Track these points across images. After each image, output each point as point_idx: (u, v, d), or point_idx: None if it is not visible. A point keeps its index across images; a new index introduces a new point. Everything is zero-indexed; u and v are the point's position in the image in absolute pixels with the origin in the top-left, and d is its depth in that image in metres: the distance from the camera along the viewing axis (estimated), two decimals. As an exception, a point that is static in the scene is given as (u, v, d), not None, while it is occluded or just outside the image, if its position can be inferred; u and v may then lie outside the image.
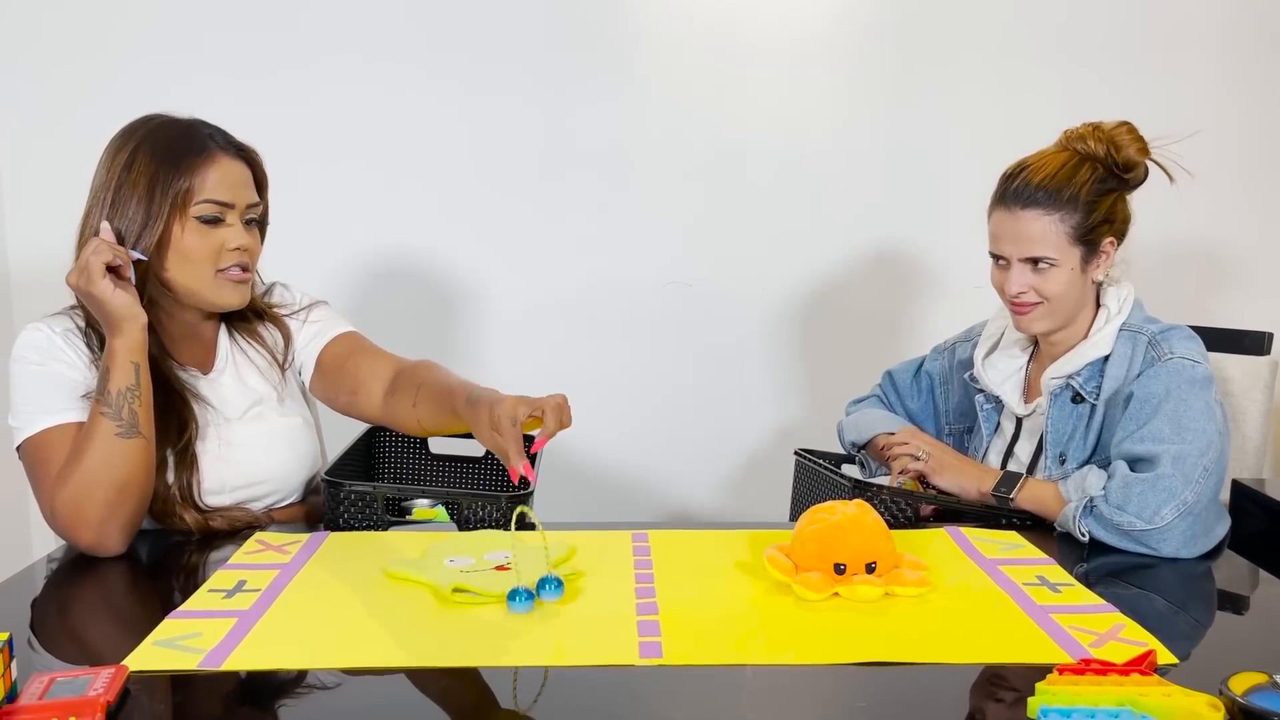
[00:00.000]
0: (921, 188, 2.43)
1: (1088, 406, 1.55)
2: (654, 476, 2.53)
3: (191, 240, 1.39)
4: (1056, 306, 1.54)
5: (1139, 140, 1.53)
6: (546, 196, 2.42)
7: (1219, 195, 2.37)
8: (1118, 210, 1.54)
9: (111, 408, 1.30)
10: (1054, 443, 1.58)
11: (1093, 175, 1.51)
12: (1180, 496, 1.37)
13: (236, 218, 1.42)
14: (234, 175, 1.42)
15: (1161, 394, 1.45)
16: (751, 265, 2.47)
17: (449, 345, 2.46)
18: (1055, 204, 1.50)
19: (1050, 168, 1.52)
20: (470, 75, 2.36)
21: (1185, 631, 1.17)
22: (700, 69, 2.38)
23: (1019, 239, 1.52)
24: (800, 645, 1.07)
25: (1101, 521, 1.40)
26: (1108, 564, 1.37)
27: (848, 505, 1.25)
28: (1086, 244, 1.51)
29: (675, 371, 2.51)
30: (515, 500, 1.40)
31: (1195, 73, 2.38)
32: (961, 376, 1.76)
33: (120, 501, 1.31)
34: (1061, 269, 1.51)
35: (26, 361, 1.38)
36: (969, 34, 2.38)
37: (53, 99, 2.30)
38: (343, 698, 0.96)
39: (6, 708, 0.87)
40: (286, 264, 1.69)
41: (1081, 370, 1.55)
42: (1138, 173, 1.54)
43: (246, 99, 2.29)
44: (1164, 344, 1.50)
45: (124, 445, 1.31)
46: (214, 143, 1.42)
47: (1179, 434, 1.41)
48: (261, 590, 1.19)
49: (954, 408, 1.80)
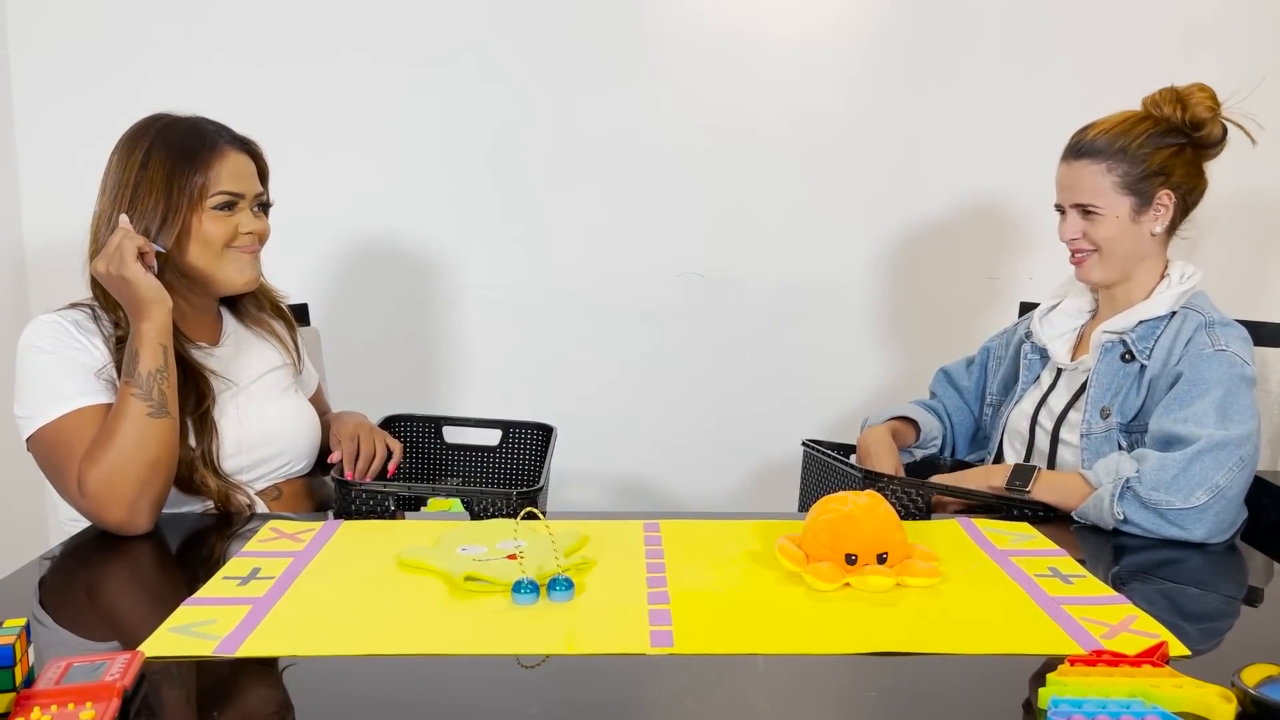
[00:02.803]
0: (934, 177, 2.42)
1: (1137, 366, 1.57)
2: (665, 466, 2.54)
3: (210, 227, 1.47)
4: (1108, 254, 1.58)
5: (1211, 99, 1.56)
6: (558, 187, 2.42)
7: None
8: (1175, 164, 1.56)
9: (142, 389, 1.36)
10: (1097, 397, 1.59)
11: (1152, 130, 1.56)
12: (1213, 480, 1.38)
13: (247, 205, 1.51)
14: (242, 168, 1.51)
15: (1211, 381, 1.46)
16: (763, 255, 2.46)
17: (460, 335, 2.46)
18: (1105, 155, 1.56)
19: (1111, 123, 1.58)
20: (481, 65, 2.36)
21: (1197, 623, 1.17)
22: (712, 58, 2.37)
23: (1070, 187, 1.59)
24: (811, 635, 1.07)
25: (1139, 501, 1.39)
26: (1121, 556, 1.36)
27: (859, 496, 1.25)
28: (1137, 194, 1.56)
29: (687, 361, 2.51)
30: (525, 496, 1.41)
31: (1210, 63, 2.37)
32: (1017, 346, 1.79)
33: (151, 479, 1.35)
34: (1107, 217, 1.56)
35: (39, 350, 1.41)
36: (981, 22, 2.37)
37: (69, 94, 2.31)
38: (356, 685, 0.96)
39: (24, 692, 0.88)
40: (299, 256, 1.70)
41: (1136, 328, 1.58)
42: (1208, 131, 1.56)
43: (255, 90, 2.30)
44: (1220, 334, 1.52)
45: (155, 425, 1.36)
46: (221, 138, 1.50)
47: (1223, 422, 1.43)
48: (276, 578, 1.19)
49: (1002, 377, 1.82)
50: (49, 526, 2.22)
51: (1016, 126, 2.38)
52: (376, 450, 1.59)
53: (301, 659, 1.01)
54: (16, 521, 2.21)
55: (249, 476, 1.52)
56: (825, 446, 1.69)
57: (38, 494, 1.40)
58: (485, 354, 2.48)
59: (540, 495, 1.47)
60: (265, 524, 1.40)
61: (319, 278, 2.39)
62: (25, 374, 1.41)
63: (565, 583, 1.15)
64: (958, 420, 1.89)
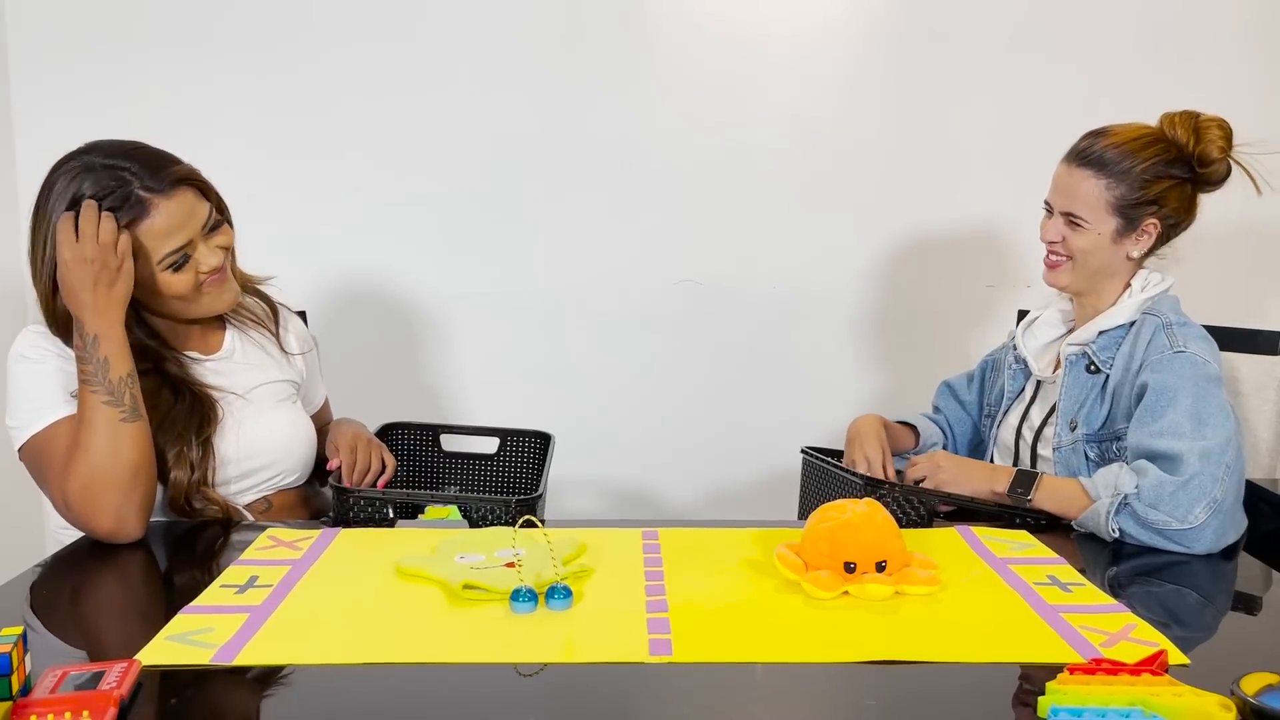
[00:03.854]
0: (933, 184, 2.43)
1: (1101, 377, 1.57)
2: (664, 473, 2.53)
3: (169, 281, 1.40)
4: (1080, 265, 1.58)
5: (1225, 139, 1.54)
6: (557, 196, 2.42)
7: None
8: (1171, 197, 1.55)
9: (114, 395, 1.33)
10: (1066, 410, 1.60)
11: (1160, 157, 1.53)
12: (1210, 495, 1.37)
13: (199, 243, 1.41)
14: (181, 210, 1.38)
15: (1175, 387, 1.45)
16: (762, 263, 2.46)
17: (460, 344, 2.46)
18: (1109, 171, 1.54)
19: (1123, 137, 1.55)
20: (480, 74, 2.36)
21: (1197, 632, 1.17)
22: (711, 66, 2.38)
23: (1065, 193, 1.57)
24: (810, 643, 1.07)
25: (1136, 519, 1.38)
26: (1120, 564, 1.36)
27: (858, 504, 1.25)
28: (1125, 217, 1.55)
29: (686, 369, 2.51)
30: (524, 504, 1.41)
31: (1218, 70, 2.37)
32: (1014, 356, 1.78)
33: (134, 485, 1.33)
34: (1090, 232, 1.55)
35: (26, 360, 1.40)
36: (981, 27, 2.38)
37: (69, 101, 2.31)
38: (354, 693, 0.96)
39: (21, 701, 0.88)
40: (298, 264, 1.70)
41: (1097, 339, 1.58)
42: (1214, 169, 1.55)
43: (255, 103, 2.31)
44: (1178, 335, 1.51)
45: (129, 429, 1.33)
46: (149, 194, 1.36)
47: (1199, 429, 1.42)
48: (273, 586, 1.19)
49: (1000, 388, 1.80)
50: (45, 535, 2.22)
51: (1016, 133, 2.38)
52: (371, 464, 1.57)
53: (299, 667, 1.00)
54: (13, 530, 2.20)
55: (236, 488, 1.50)
56: (824, 454, 1.69)
57: (34, 503, 1.40)
58: (484, 361, 2.47)
59: (539, 503, 1.46)
60: (263, 532, 1.39)
61: (318, 285, 2.39)
62: (13, 384, 1.40)
63: (564, 591, 1.15)
64: (959, 431, 1.89)
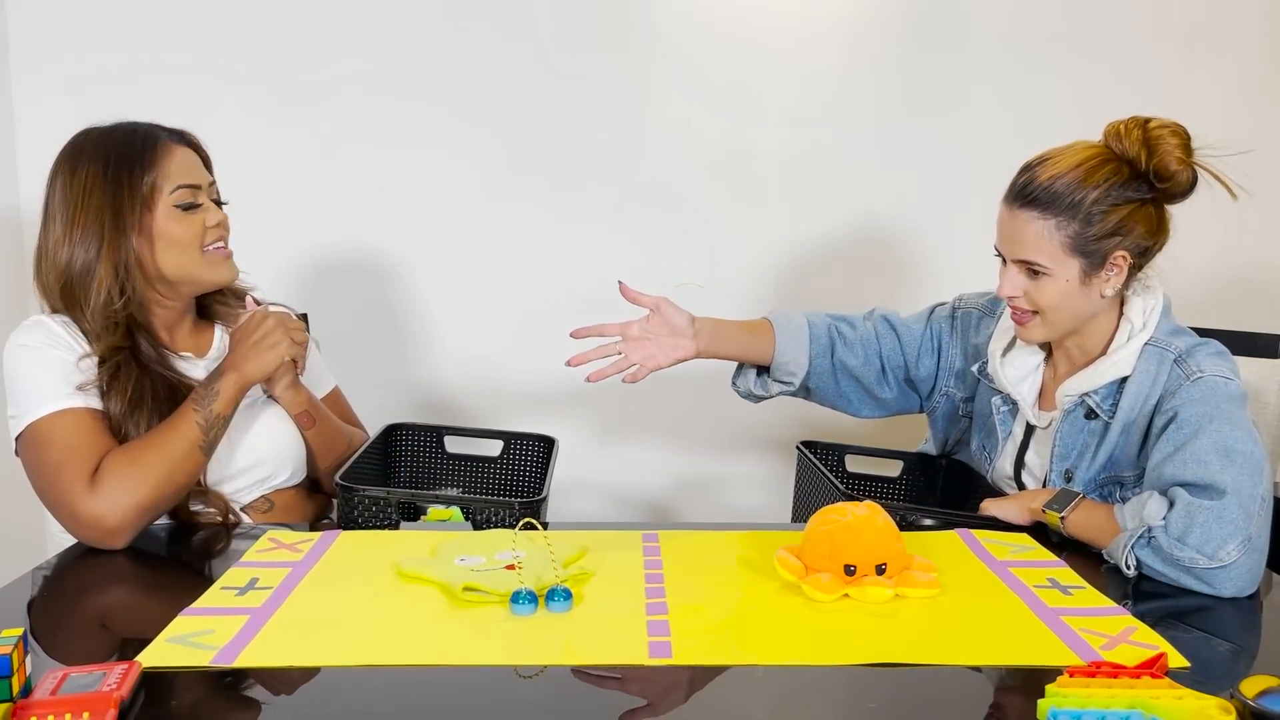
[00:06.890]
0: (939, 188, 2.42)
1: (1101, 423, 1.45)
2: (664, 477, 2.53)
3: (175, 227, 1.45)
4: (1053, 318, 1.42)
5: (1183, 147, 1.36)
6: (557, 198, 2.42)
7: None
8: (1132, 223, 1.37)
9: (207, 423, 1.39)
10: (1060, 456, 1.49)
11: (1111, 180, 1.36)
12: (1245, 531, 1.24)
13: (206, 198, 1.49)
14: (189, 160, 1.49)
15: (1200, 416, 1.32)
16: (764, 266, 2.46)
17: (461, 346, 2.46)
18: (1054, 208, 1.36)
19: (1064, 165, 1.37)
20: (480, 76, 2.36)
21: (1197, 635, 1.17)
22: (713, 68, 2.37)
23: (1012, 239, 1.41)
24: (810, 646, 1.07)
25: (1159, 554, 1.26)
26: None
27: (858, 506, 1.25)
28: (1087, 255, 1.37)
29: (688, 371, 2.50)
30: (527, 506, 1.41)
31: (1221, 70, 2.37)
32: (970, 346, 1.65)
33: (158, 502, 1.36)
34: (1055, 279, 1.38)
35: (24, 348, 1.41)
36: (985, 29, 2.37)
37: (71, 95, 2.32)
38: (354, 695, 0.96)
39: (21, 702, 0.88)
40: (299, 266, 1.70)
41: (1099, 389, 1.44)
42: (1175, 182, 1.36)
43: (256, 101, 2.30)
44: (1192, 361, 1.38)
45: (198, 459, 1.39)
46: (161, 135, 1.47)
47: (1228, 460, 1.28)
48: (274, 588, 1.19)
49: (988, 426, 1.61)
50: (46, 538, 2.22)
51: (1017, 137, 2.37)
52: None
53: (299, 669, 1.00)
54: (14, 532, 2.21)
55: (230, 489, 1.50)
56: (819, 447, 1.68)
57: (36, 505, 1.40)
58: (484, 365, 2.47)
59: (542, 506, 1.47)
60: (263, 534, 1.40)
61: (320, 287, 2.39)
62: (11, 374, 1.41)
63: (564, 593, 1.15)
64: (893, 365, 1.69)
